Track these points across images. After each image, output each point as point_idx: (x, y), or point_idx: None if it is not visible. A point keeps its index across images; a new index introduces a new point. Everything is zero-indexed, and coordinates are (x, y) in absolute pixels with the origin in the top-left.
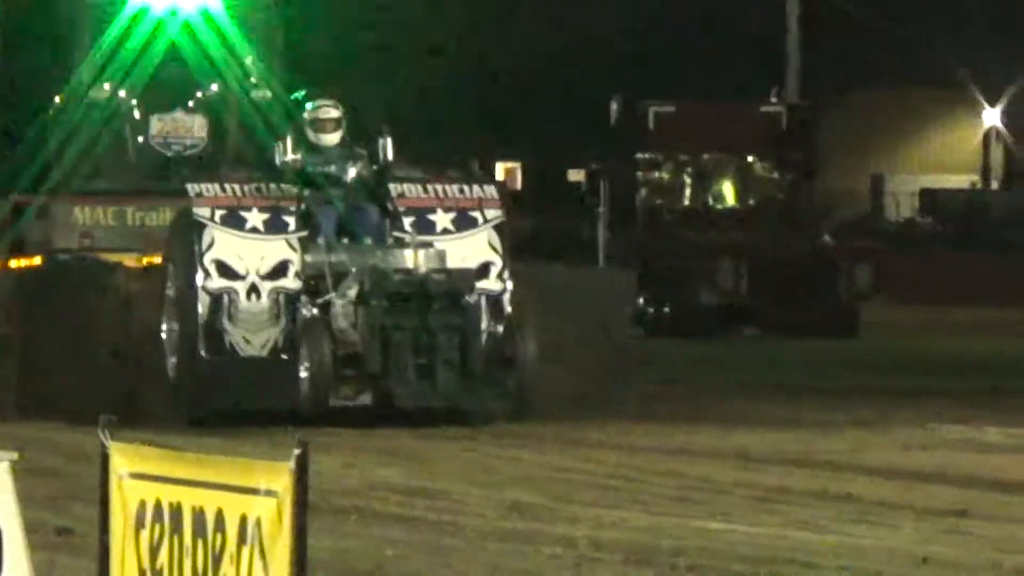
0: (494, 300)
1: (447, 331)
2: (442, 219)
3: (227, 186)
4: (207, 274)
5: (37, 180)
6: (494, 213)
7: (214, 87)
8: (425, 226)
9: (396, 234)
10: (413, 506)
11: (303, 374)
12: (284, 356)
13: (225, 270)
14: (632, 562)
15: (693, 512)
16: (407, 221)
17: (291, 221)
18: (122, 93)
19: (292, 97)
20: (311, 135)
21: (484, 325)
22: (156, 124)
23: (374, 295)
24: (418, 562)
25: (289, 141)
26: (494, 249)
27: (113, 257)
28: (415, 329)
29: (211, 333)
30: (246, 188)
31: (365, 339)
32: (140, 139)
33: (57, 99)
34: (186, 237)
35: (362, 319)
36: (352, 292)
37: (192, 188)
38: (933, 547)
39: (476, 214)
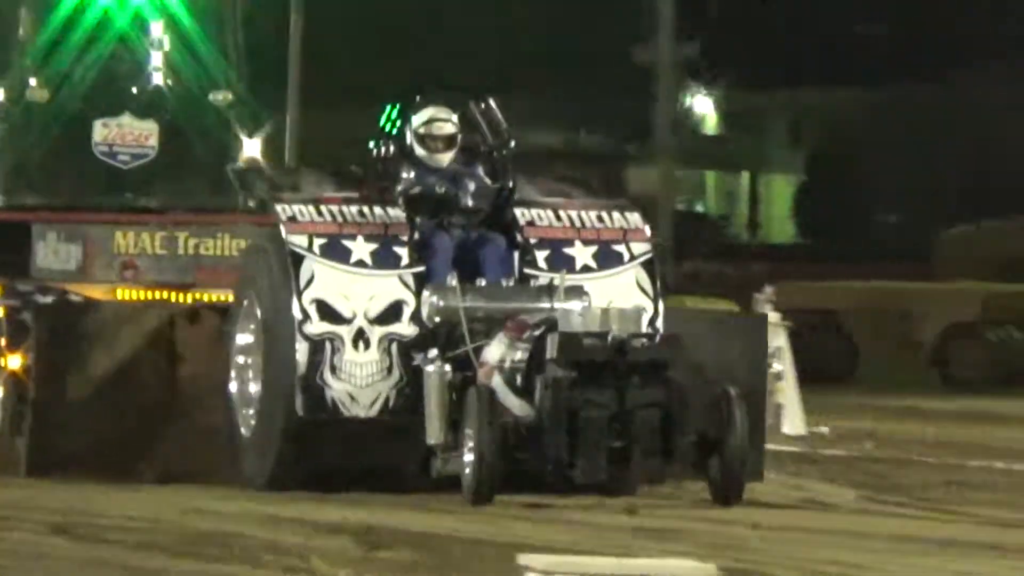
0: None
1: (649, 409)
2: (581, 253)
3: (324, 209)
4: (306, 317)
5: None
6: (641, 247)
7: (166, 87)
8: (561, 261)
9: (527, 271)
10: None
11: (468, 460)
12: (397, 416)
13: (327, 312)
14: None
15: None
16: (540, 256)
17: (403, 254)
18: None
19: (388, 108)
20: (419, 152)
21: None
22: (100, 130)
23: (562, 363)
24: None
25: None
26: (643, 291)
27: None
28: (611, 406)
29: (310, 387)
30: (347, 212)
31: (548, 416)
32: (83, 147)
33: None
34: (279, 271)
35: (544, 391)
36: (518, 354)
37: (283, 210)
38: None
39: (621, 248)
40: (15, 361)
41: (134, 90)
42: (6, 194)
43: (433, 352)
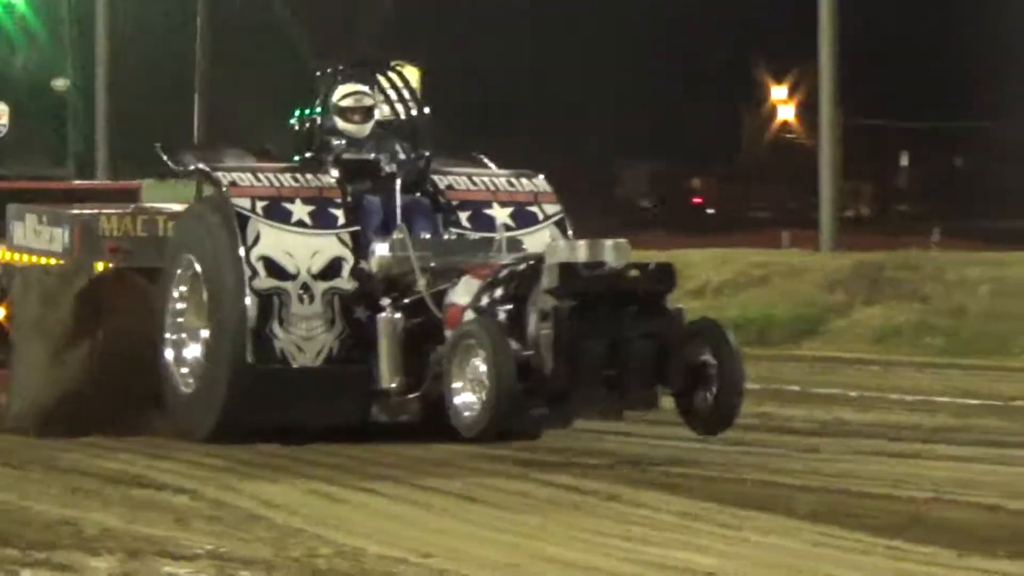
0: None
1: (646, 338)
2: (500, 214)
3: (261, 175)
4: (254, 272)
5: None
6: (553, 208)
7: (15, 74)
8: (483, 222)
9: (452, 230)
10: None
11: (468, 398)
12: (341, 365)
13: (274, 268)
14: None
15: None
16: (463, 216)
17: (339, 214)
18: None
19: (299, 112)
20: (340, 124)
21: None
22: None
23: (560, 293)
24: None
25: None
26: None
27: None
28: (608, 336)
29: (260, 338)
30: (283, 178)
31: (546, 348)
32: None
33: None
34: (223, 233)
35: (541, 322)
36: (498, 291)
37: (223, 176)
38: None
39: (535, 209)
40: None
41: None
42: None
43: (385, 301)
